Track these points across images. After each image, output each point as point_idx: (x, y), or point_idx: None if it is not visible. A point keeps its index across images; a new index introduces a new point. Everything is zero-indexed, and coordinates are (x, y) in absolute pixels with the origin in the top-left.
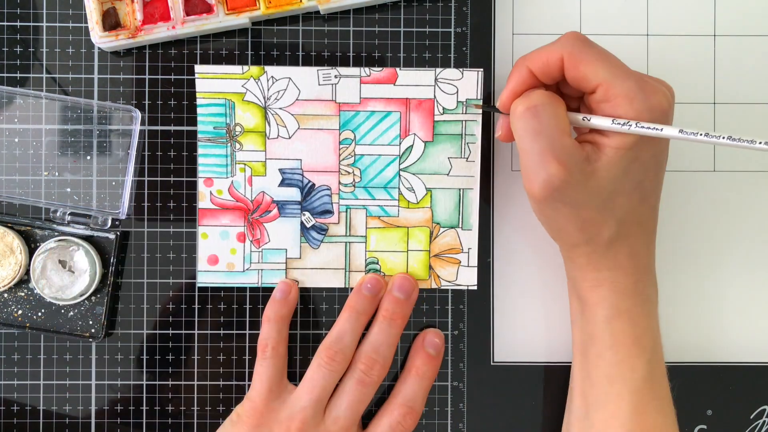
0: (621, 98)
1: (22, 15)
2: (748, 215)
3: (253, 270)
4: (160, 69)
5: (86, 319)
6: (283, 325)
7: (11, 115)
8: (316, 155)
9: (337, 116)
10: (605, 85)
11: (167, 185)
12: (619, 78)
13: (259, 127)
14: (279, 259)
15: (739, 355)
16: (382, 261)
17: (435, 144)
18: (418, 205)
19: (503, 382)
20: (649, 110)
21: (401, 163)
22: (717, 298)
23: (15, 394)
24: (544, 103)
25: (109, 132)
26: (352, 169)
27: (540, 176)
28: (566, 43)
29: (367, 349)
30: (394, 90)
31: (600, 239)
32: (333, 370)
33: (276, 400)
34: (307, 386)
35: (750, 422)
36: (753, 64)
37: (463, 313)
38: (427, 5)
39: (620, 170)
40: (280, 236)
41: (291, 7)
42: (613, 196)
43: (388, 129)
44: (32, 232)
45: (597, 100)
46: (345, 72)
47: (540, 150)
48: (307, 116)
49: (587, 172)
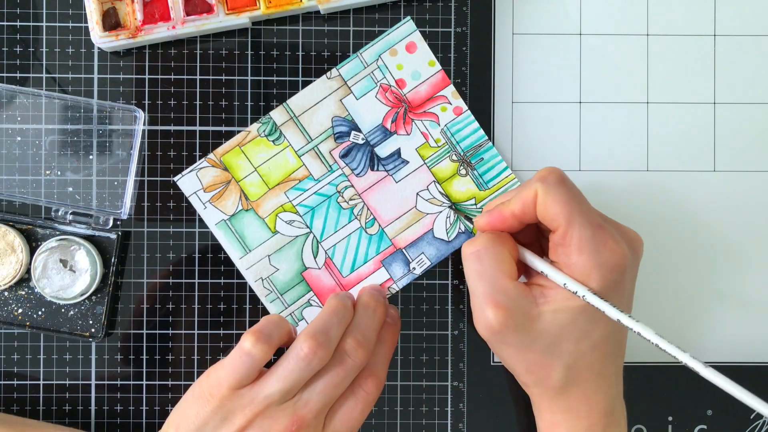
0: (573, 247)
1: (22, 15)
2: (748, 215)
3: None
4: (160, 69)
5: (86, 318)
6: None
7: (13, 114)
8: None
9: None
10: (563, 229)
11: (167, 185)
12: (577, 225)
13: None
14: None
15: (739, 355)
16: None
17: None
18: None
19: (503, 382)
20: (598, 266)
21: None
22: (716, 298)
23: (15, 393)
24: (487, 247)
25: (110, 132)
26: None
27: (481, 318)
28: (537, 182)
29: (353, 331)
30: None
31: (549, 382)
32: (310, 364)
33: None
34: (280, 374)
35: (750, 422)
36: (753, 64)
37: (463, 313)
38: (427, 5)
39: (566, 317)
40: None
41: (291, 7)
42: (559, 340)
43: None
44: (33, 231)
45: (554, 241)
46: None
47: (482, 293)
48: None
49: (532, 316)
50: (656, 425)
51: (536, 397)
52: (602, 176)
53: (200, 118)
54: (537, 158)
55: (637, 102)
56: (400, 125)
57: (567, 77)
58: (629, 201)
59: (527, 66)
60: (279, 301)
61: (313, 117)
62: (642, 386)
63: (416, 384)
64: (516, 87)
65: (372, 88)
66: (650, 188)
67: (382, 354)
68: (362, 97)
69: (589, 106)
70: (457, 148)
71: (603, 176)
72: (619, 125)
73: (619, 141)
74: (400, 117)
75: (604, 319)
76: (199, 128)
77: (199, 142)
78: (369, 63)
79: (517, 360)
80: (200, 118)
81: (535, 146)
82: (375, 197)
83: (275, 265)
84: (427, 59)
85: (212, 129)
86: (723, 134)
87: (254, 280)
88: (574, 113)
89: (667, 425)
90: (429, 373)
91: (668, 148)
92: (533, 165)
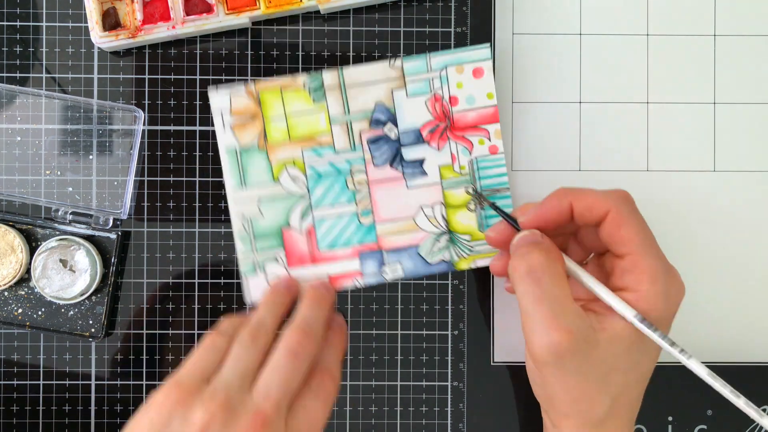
0: (646, 275)
1: (22, 15)
2: (748, 215)
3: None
4: (160, 69)
5: (86, 318)
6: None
7: (12, 114)
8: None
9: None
10: (635, 257)
11: (167, 185)
12: (651, 256)
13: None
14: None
15: (739, 355)
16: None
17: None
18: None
19: (503, 382)
20: (666, 297)
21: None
22: (716, 298)
23: (15, 393)
24: (544, 266)
25: (110, 132)
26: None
27: (544, 341)
28: (618, 201)
29: (299, 322)
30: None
31: (592, 415)
32: (257, 346)
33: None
34: (231, 363)
35: (750, 422)
36: (753, 64)
37: (463, 313)
38: (427, 5)
39: (623, 347)
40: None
41: (291, 7)
42: (612, 371)
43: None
44: (33, 231)
45: (623, 267)
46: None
47: (544, 317)
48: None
49: (590, 342)
50: (656, 425)
51: (568, 429)
52: (602, 176)
53: (200, 118)
54: (537, 158)
55: (637, 102)
56: (435, 138)
57: (567, 77)
58: None
59: (527, 66)
60: (249, 241)
61: (360, 94)
62: None
63: (416, 384)
64: (516, 87)
65: (425, 93)
66: (650, 188)
67: (332, 353)
68: (413, 96)
69: (589, 106)
70: (476, 183)
71: (603, 176)
72: (619, 125)
73: (619, 141)
74: (439, 131)
75: (652, 353)
76: (199, 128)
77: (199, 142)
78: (433, 69)
79: (568, 388)
80: (200, 118)
81: (535, 146)
82: (381, 192)
83: (262, 210)
84: (488, 90)
85: (212, 129)
86: (723, 134)
87: (236, 214)
88: (574, 113)
89: (667, 425)
90: (429, 373)
91: (668, 148)
92: (533, 165)
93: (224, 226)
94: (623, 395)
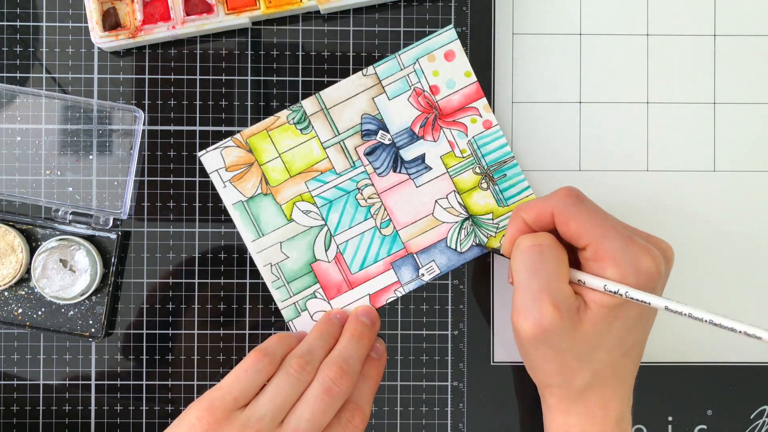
0: (608, 260)
1: (22, 15)
2: (748, 215)
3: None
4: (160, 69)
5: (86, 318)
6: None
7: (12, 114)
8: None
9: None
10: (594, 246)
11: (167, 185)
12: (607, 239)
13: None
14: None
15: (739, 355)
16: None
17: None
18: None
19: (503, 382)
20: (635, 273)
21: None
22: (716, 297)
23: (15, 394)
24: (550, 245)
25: (110, 132)
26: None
27: (532, 314)
28: (557, 200)
29: (336, 358)
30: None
31: (573, 385)
32: (301, 379)
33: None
34: (270, 394)
35: (750, 422)
36: (753, 64)
37: (463, 313)
38: (427, 5)
39: (605, 326)
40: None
41: (291, 7)
42: (595, 348)
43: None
44: (33, 231)
45: (586, 257)
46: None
47: (537, 288)
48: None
49: (575, 321)
50: (656, 425)
51: (554, 399)
52: (602, 176)
53: (200, 118)
54: (537, 158)
55: (637, 102)
56: (428, 131)
57: (567, 77)
58: (629, 201)
59: (527, 66)
60: (285, 288)
61: (343, 111)
62: (642, 386)
63: (416, 384)
64: (516, 87)
65: (405, 91)
66: (650, 188)
67: (367, 388)
68: (395, 98)
69: (589, 106)
70: (481, 161)
71: (603, 176)
72: (619, 125)
73: (619, 141)
74: (429, 123)
75: (637, 327)
76: (199, 128)
77: (199, 142)
78: (406, 65)
79: (551, 361)
80: (200, 118)
81: (535, 146)
82: (393, 199)
83: (286, 253)
84: (464, 69)
85: (212, 129)
86: (723, 134)
87: (263, 264)
88: (574, 113)
89: (667, 425)
90: (429, 373)
91: (668, 148)
92: (533, 165)
93: (224, 226)
94: (608, 369)
